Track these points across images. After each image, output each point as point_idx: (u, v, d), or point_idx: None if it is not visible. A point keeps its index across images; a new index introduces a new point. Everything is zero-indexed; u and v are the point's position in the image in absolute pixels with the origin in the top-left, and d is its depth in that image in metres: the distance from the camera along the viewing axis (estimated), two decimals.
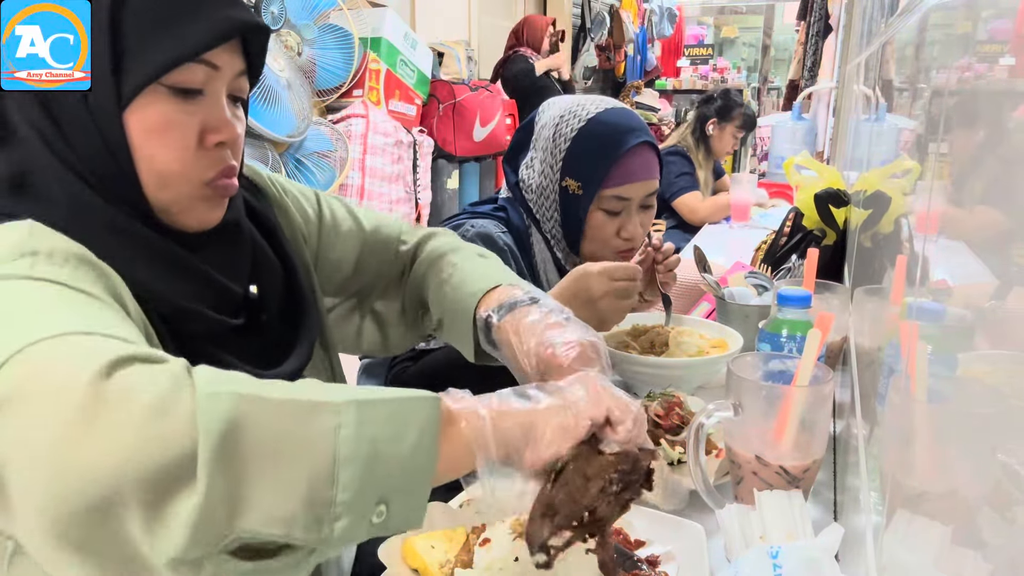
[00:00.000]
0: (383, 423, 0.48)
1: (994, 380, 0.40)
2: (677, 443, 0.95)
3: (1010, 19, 0.47)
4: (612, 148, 1.11)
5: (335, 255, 0.92)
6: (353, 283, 0.96)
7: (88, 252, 0.59)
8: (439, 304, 0.89)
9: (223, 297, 0.72)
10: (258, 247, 0.79)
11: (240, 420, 0.44)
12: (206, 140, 0.66)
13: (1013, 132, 0.40)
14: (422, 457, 0.50)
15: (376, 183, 3.17)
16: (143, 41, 0.62)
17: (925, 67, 0.78)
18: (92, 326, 0.49)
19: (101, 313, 0.54)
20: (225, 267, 0.72)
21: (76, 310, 0.52)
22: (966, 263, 0.48)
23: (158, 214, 0.67)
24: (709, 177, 3.25)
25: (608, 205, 1.13)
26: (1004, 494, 0.35)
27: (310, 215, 0.91)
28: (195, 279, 0.69)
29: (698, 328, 1.29)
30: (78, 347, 0.47)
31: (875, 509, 0.61)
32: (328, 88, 3.07)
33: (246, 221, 0.77)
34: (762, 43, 9.27)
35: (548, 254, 1.19)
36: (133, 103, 0.63)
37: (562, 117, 1.15)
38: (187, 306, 0.67)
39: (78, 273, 0.56)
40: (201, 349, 0.69)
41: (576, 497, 0.58)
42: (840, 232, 1.53)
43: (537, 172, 1.17)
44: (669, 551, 0.74)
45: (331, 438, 0.46)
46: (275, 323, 0.79)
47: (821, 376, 0.76)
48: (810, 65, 4.74)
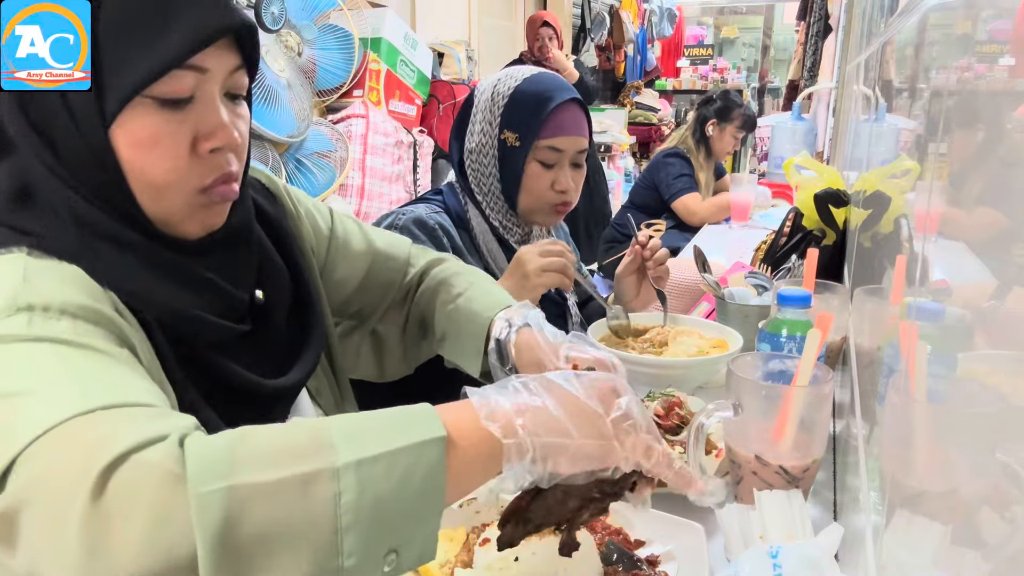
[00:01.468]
0: (384, 479, 0.46)
1: (993, 380, 0.40)
2: (677, 443, 0.95)
3: (1009, 19, 0.47)
4: (546, 102, 1.20)
5: (340, 274, 0.92)
6: (354, 303, 0.96)
7: (84, 297, 0.57)
8: (447, 321, 0.90)
9: (228, 303, 0.70)
10: (265, 251, 0.77)
11: (235, 516, 0.43)
12: (199, 147, 0.64)
13: (1013, 132, 0.40)
14: (430, 501, 0.48)
15: (376, 183, 3.17)
16: (121, 53, 0.60)
17: (925, 67, 0.78)
18: (90, 396, 0.49)
19: (101, 371, 0.53)
20: (230, 273, 0.71)
21: (73, 376, 0.51)
22: (966, 263, 0.48)
23: (157, 225, 0.65)
24: (710, 178, 3.25)
25: (543, 156, 1.21)
26: (1003, 494, 0.35)
27: (322, 229, 0.91)
28: (198, 287, 0.67)
29: (698, 328, 1.29)
30: (76, 443, 0.46)
31: (875, 509, 0.61)
32: (328, 88, 3.07)
33: (255, 225, 0.76)
34: (762, 43, 9.27)
35: (486, 225, 1.26)
36: (118, 118, 0.61)
37: (499, 80, 1.25)
38: (191, 314, 0.66)
39: (76, 325, 0.55)
40: (206, 359, 0.68)
41: (553, 510, 0.58)
42: (840, 232, 1.53)
43: (477, 132, 1.25)
44: (669, 551, 0.74)
45: (331, 508, 0.44)
46: (282, 329, 0.78)
47: (821, 376, 0.76)
48: (810, 65, 4.74)
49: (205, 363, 0.68)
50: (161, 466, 0.44)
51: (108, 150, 0.61)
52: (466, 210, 1.26)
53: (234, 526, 0.43)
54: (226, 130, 0.65)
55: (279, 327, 0.77)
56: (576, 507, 0.58)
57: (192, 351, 0.67)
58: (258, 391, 0.72)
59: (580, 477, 0.55)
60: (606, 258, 3.04)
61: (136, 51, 0.60)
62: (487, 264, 1.26)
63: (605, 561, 0.70)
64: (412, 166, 3.43)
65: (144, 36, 0.60)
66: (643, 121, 6.43)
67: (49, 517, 0.44)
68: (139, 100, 0.61)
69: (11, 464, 0.45)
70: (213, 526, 0.42)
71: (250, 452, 0.45)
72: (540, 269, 1.11)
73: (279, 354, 0.77)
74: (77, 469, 0.44)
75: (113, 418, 0.48)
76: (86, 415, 0.47)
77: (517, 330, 0.83)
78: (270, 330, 0.76)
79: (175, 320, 0.65)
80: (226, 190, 0.67)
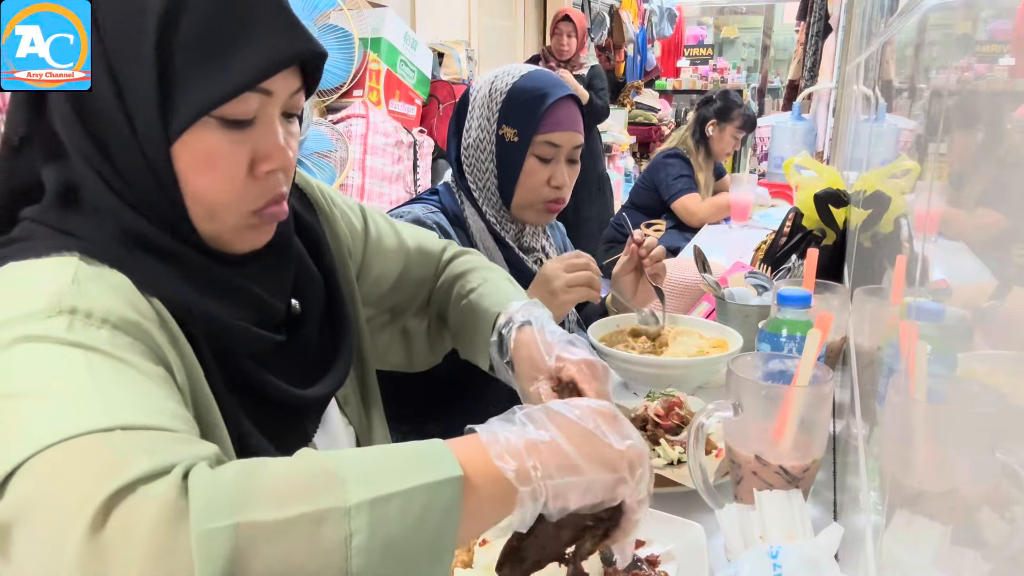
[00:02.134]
0: (397, 520, 0.44)
1: (993, 380, 0.40)
2: (677, 443, 0.95)
3: (1009, 19, 0.47)
4: (543, 97, 1.21)
5: (377, 271, 0.93)
6: (389, 299, 0.97)
7: (128, 309, 0.56)
8: (459, 317, 0.91)
9: (265, 314, 0.70)
10: (302, 261, 0.77)
11: (240, 556, 0.41)
12: (257, 169, 0.64)
13: (1013, 132, 0.40)
14: (443, 543, 0.46)
15: (376, 183, 3.17)
16: (194, 72, 0.59)
17: (925, 67, 0.78)
18: (113, 413, 0.47)
19: (130, 388, 0.51)
20: (269, 283, 0.70)
21: (101, 388, 0.50)
22: (966, 263, 0.48)
23: (206, 241, 0.65)
24: (710, 179, 3.24)
25: (541, 151, 1.22)
26: (1003, 494, 0.35)
27: (357, 229, 0.91)
28: (237, 297, 0.67)
29: (698, 328, 1.29)
30: (86, 462, 0.44)
31: (875, 509, 0.61)
32: (328, 88, 3.07)
33: (295, 237, 0.76)
34: (762, 43, 9.28)
35: (482, 224, 1.27)
36: (183, 136, 0.60)
37: (496, 76, 1.26)
38: (233, 324, 0.65)
39: (116, 337, 0.54)
40: (243, 368, 0.68)
41: (546, 545, 0.57)
42: (840, 232, 1.53)
43: (475, 128, 1.25)
44: (669, 551, 0.75)
45: (342, 550, 0.43)
46: (315, 339, 0.77)
47: (821, 376, 0.76)
48: (810, 65, 4.74)
49: (242, 373, 0.67)
50: (165, 499, 0.43)
51: (168, 167, 0.61)
52: (462, 209, 1.27)
53: (239, 566, 0.41)
54: (283, 152, 0.65)
55: (312, 337, 0.77)
56: (570, 538, 0.58)
57: (231, 361, 0.66)
58: (291, 401, 0.72)
59: (585, 509, 0.54)
60: (606, 258, 3.04)
61: (210, 70, 0.59)
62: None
63: (605, 561, 0.70)
64: (412, 166, 3.43)
65: (220, 56, 0.59)
66: (643, 121, 6.43)
67: (46, 540, 0.43)
68: (204, 120, 0.60)
69: (19, 466, 0.44)
70: (217, 566, 0.41)
71: (258, 488, 0.44)
72: (567, 285, 1.13)
73: (311, 364, 0.76)
74: (81, 495, 0.43)
75: (130, 441, 0.46)
76: (104, 432, 0.46)
77: (519, 326, 0.84)
78: (304, 340, 0.75)
79: (218, 330, 0.64)
80: (277, 211, 0.67)
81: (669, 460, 0.93)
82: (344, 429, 0.84)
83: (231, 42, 0.59)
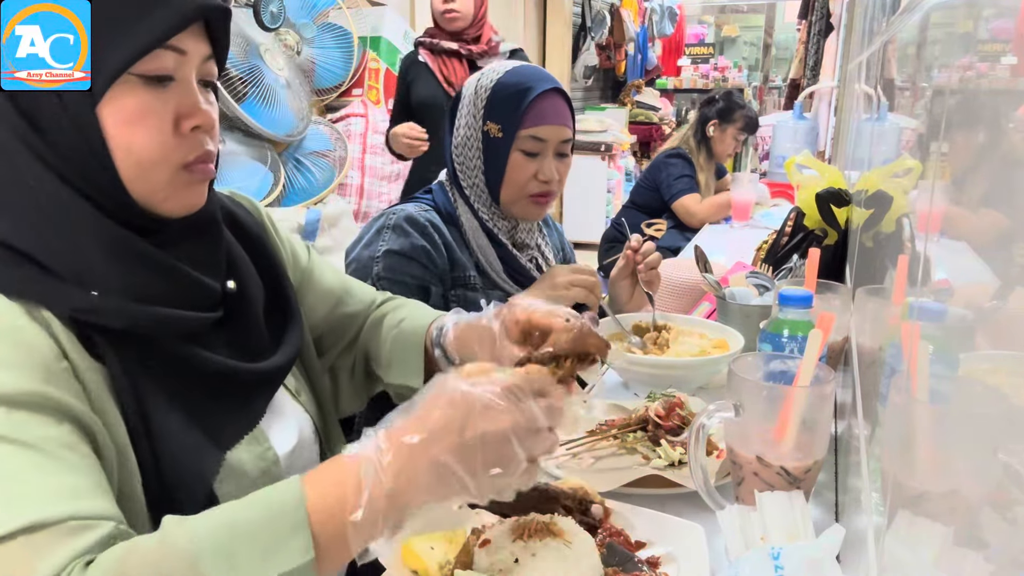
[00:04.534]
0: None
1: (995, 380, 0.40)
2: (678, 444, 0.95)
3: (1011, 18, 0.47)
4: (527, 92, 1.22)
5: (307, 303, 0.95)
6: (318, 328, 0.98)
7: (22, 376, 0.58)
8: (391, 347, 0.94)
9: (197, 291, 0.73)
10: (233, 247, 0.81)
11: None
12: (182, 126, 0.68)
13: (1014, 131, 0.40)
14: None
15: (375, 182, 3.17)
16: (110, 32, 0.63)
17: (927, 66, 0.77)
18: (14, 514, 0.53)
19: (31, 476, 0.56)
20: (200, 262, 0.73)
21: (2, 487, 0.55)
22: (968, 263, 0.48)
23: (141, 205, 0.68)
24: (711, 179, 3.24)
25: (526, 146, 1.22)
26: (1005, 494, 0.35)
27: (299, 258, 0.95)
28: (167, 274, 0.70)
29: (699, 328, 1.29)
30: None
31: (876, 510, 0.60)
32: (327, 87, 3.07)
33: (221, 222, 0.79)
34: (763, 42, 9.27)
35: (475, 222, 1.28)
36: (106, 95, 0.63)
37: (483, 74, 1.27)
38: (158, 312, 0.68)
39: (10, 415, 0.57)
40: (175, 352, 0.70)
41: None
42: (841, 232, 1.53)
43: (463, 126, 1.27)
44: (669, 552, 0.74)
45: None
46: (259, 319, 0.81)
47: (822, 376, 0.76)
48: (812, 64, 4.74)
49: (176, 356, 0.70)
50: None
51: (95, 128, 0.64)
52: (456, 207, 1.28)
53: None
54: (204, 111, 0.69)
55: (256, 317, 0.80)
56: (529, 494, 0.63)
57: (162, 347, 0.69)
58: (236, 376, 0.75)
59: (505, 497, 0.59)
60: (606, 258, 3.04)
61: (123, 32, 0.63)
62: (477, 260, 1.27)
63: (605, 563, 0.70)
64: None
65: (130, 18, 0.64)
66: (644, 120, 6.43)
67: None
68: (125, 78, 0.64)
69: None
70: None
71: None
72: (569, 283, 1.20)
73: (258, 343, 0.80)
74: None
75: (31, 545, 0.53)
76: (6, 540, 0.52)
77: (454, 323, 0.89)
78: (247, 319, 0.79)
79: (142, 318, 0.67)
80: (206, 168, 0.71)
81: (670, 461, 0.93)
82: (300, 415, 0.86)
83: (142, 5, 0.64)
